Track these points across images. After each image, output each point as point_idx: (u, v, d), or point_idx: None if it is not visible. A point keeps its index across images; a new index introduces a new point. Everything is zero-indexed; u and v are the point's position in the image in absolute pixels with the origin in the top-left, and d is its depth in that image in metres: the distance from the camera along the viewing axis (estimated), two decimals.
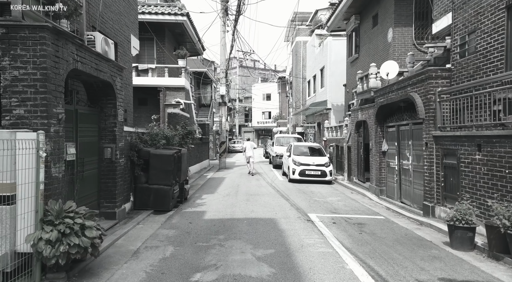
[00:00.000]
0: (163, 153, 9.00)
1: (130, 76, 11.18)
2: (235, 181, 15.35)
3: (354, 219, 8.20)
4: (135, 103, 18.86)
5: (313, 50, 27.27)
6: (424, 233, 7.10)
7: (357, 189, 12.78)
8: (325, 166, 14.79)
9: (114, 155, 7.41)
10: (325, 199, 10.92)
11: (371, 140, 11.88)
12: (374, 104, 11.52)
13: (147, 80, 17.15)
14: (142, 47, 18.89)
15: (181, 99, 17.28)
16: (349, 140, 15.00)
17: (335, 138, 17.67)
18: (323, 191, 12.59)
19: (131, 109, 11.30)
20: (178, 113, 14.36)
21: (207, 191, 12.45)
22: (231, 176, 17.37)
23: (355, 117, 13.61)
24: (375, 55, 15.11)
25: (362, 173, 13.20)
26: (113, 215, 7.36)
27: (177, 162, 9.62)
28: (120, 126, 7.66)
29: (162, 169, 8.91)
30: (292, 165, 15.01)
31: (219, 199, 10.79)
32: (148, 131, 9.92)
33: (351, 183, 14.14)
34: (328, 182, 14.87)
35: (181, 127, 13.72)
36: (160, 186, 8.91)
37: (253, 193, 11.86)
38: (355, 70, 17.93)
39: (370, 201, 10.88)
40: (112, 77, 7.26)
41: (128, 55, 10.92)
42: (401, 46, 13.10)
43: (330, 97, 22.85)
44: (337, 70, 22.72)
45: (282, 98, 48.80)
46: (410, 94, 8.77)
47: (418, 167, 8.92)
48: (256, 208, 9.31)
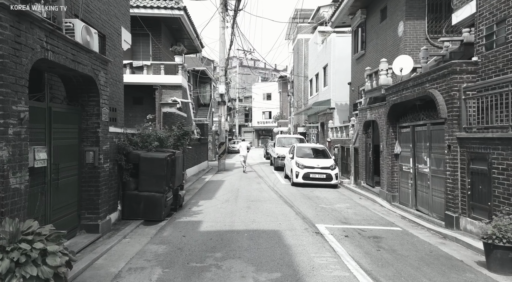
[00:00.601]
0: (155, 156, 8.11)
1: (121, 72, 10.29)
2: (234, 184, 14.46)
3: (368, 231, 7.30)
4: (130, 102, 17.99)
5: (315, 48, 26.38)
6: (451, 249, 6.21)
7: (366, 194, 11.89)
8: (330, 169, 13.90)
9: (97, 159, 6.52)
10: (332, 206, 10.02)
11: (381, 142, 10.99)
12: (385, 102, 10.63)
13: (142, 78, 16.27)
14: (137, 43, 18.02)
15: (178, 98, 16.40)
16: (356, 141, 14.11)
17: (340, 139, 16.78)
18: (329, 197, 11.70)
19: (122, 108, 10.40)
20: (174, 113, 13.48)
21: (204, 196, 11.56)
22: (231, 178, 16.48)
23: (363, 116, 12.72)
24: (383, 51, 14.22)
25: (371, 177, 12.31)
26: (96, 228, 6.47)
27: (171, 166, 8.74)
28: (104, 127, 6.77)
29: (154, 174, 8.03)
30: (295, 168, 14.12)
31: (217, 206, 9.90)
32: (139, 132, 9.03)
33: (359, 187, 13.25)
34: (333, 186, 13.98)
35: (177, 128, 12.85)
36: (151, 193, 8.02)
37: (254, 199, 10.98)
38: (361, 68, 17.04)
39: (381, 208, 9.98)
40: (95, 71, 6.36)
41: (118, 49, 10.02)
42: (412, 41, 12.21)
43: (334, 96, 21.97)
44: (341, 68, 21.84)
45: (283, 98, 47.91)
46: (429, 91, 7.88)
47: (438, 172, 8.03)
48: (258, 217, 8.41)
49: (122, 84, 10.42)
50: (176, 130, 12.61)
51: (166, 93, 16.59)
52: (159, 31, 17.55)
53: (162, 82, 16.34)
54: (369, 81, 12.58)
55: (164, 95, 16.61)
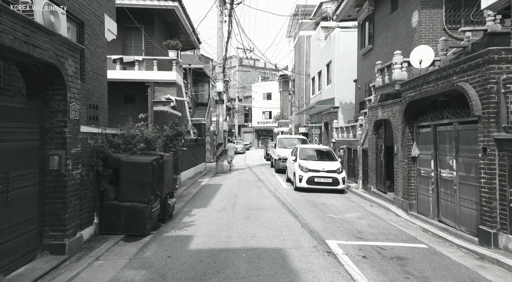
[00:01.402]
0: (138, 160, 6.97)
1: (104, 65, 9.17)
2: (233, 189, 13.32)
3: (389, 250, 6.17)
4: (121, 100, 16.87)
5: (318, 44, 25.25)
6: (495, 276, 5.07)
7: (378, 201, 10.75)
8: (336, 172, 12.76)
9: (63, 165, 5.38)
10: (342, 216, 8.89)
11: (396, 143, 9.86)
12: (400, 99, 9.51)
13: (133, 74, 15.15)
14: (128, 37, 16.90)
15: (172, 96, 15.27)
16: (365, 142, 12.98)
17: (346, 139, 15.65)
18: (337, 204, 10.56)
19: (105, 105, 9.29)
20: (166, 111, 12.35)
21: (199, 203, 10.42)
22: (229, 182, 15.34)
23: (374, 115, 11.59)
24: (394, 45, 13.09)
25: (383, 182, 11.17)
26: (61, 248, 5.34)
27: (158, 171, 7.61)
28: (74, 126, 5.64)
29: (137, 182, 6.89)
30: (298, 171, 12.99)
31: (212, 215, 8.76)
32: (122, 132, 7.90)
33: (368, 193, 12.11)
34: (340, 191, 12.84)
35: (170, 128, 11.73)
36: (134, 203, 6.89)
37: (253, 207, 9.84)
38: (368, 64, 15.92)
39: (397, 218, 8.85)
40: (59, 58, 5.23)
41: (101, 38, 8.90)
42: (428, 32, 11.08)
43: (338, 95, 20.84)
44: (346, 64, 20.72)
45: (283, 97, 46.79)
46: (458, 84, 6.74)
47: (468, 178, 6.90)
48: (258, 231, 7.28)
49: (105, 79, 9.30)
50: (168, 130, 11.50)
51: (159, 90, 15.47)
52: (152, 25, 16.43)
53: (155, 79, 15.22)
54: (381, 76, 11.45)
55: (157, 93, 15.49)
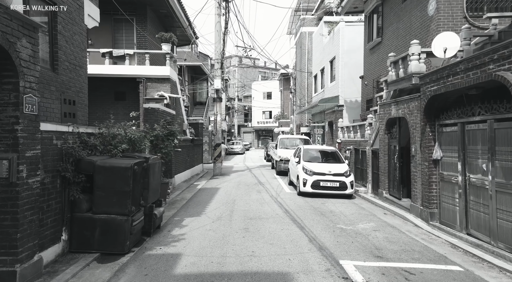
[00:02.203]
0: (116, 164, 5.88)
1: (83, 55, 8.07)
2: (231, 194, 12.23)
3: (418, 275, 5.06)
4: (111, 98, 15.75)
5: (321, 40, 24.16)
6: None
7: (391, 209, 9.66)
8: (344, 175, 11.66)
9: (14, 172, 4.29)
10: (355, 227, 7.79)
11: (413, 144, 8.76)
12: (419, 94, 8.41)
13: (124, 69, 14.04)
14: (119, 30, 15.79)
15: (165, 93, 14.18)
16: (375, 142, 11.88)
17: (353, 140, 14.55)
18: (347, 212, 9.46)
19: (85, 100, 8.20)
20: (158, 109, 11.25)
21: (192, 211, 9.32)
22: (227, 186, 14.25)
23: (386, 113, 10.50)
24: (407, 36, 11.99)
25: (397, 187, 10.07)
26: (11, 277, 4.24)
27: (142, 176, 6.52)
28: (30, 123, 4.54)
29: (114, 190, 5.80)
30: (302, 174, 11.89)
31: (206, 226, 7.66)
32: (100, 131, 6.80)
33: (380, 199, 11.01)
34: (348, 196, 11.75)
35: (161, 127, 10.65)
36: (111, 216, 5.79)
37: (253, 216, 8.75)
38: (377, 58, 14.82)
39: (418, 230, 7.75)
40: (7, 36, 4.14)
41: (79, 24, 7.80)
42: (447, 20, 9.99)
43: (343, 92, 19.74)
44: (351, 60, 19.63)
45: (284, 96, 45.71)
46: (497, 74, 5.64)
47: (508, 186, 5.80)
48: (259, 248, 6.18)
49: (85, 71, 8.21)
50: (159, 130, 10.41)
51: (152, 87, 14.37)
52: (145, 17, 15.33)
53: (147, 74, 14.12)
54: (394, 70, 10.35)
55: (149, 89, 14.39)
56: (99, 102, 15.23)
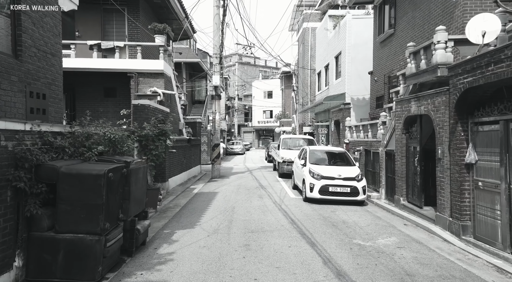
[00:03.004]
0: (86, 171, 4.73)
1: (57, 42, 6.91)
2: (230, 199, 11.08)
3: None
4: (100, 94, 14.56)
5: (325, 35, 22.99)
6: None
7: (411, 218, 8.51)
8: (355, 180, 10.51)
9: None
10: (374, 243, 6.63)
11: (439, 145, 7.61)
12: (447, 88, 7.26)
13: (113, 63, 12.89)
14: (109, 21, 14.62)
15: (159, 89, 13.03)
16: (389, 143, 10.73)
17: (363, 140, 13.39)
18: (361, 222, 8.31)
19: (59, 94, 7.01)
20: (149, 106, 10.10)
21: (185, 221, 8.17)
22: (226, 190, 13.09)
23: (404, 110, 9.34)
24: (425, 25, 10.84)
25: (418, 193, 8.91)
26: None
27: (121, 185, 5.36)
28: None
29: (83, 203, 4.66)
30: (309, 178, 10.73)
31: (200, 242, 6.51)
32: (71, 129, 5.65)
33: (396, 206, 9.86)
34: (359, 203, 10.60)
35: (152, 125, 9.52)
36: (79, 235, 4.64)
37: (255, 228, 7.59)
38: (388, 51, 13.67)
39: (449, 246, 6.59)
40: None
41: (51, 5, 6.64)
42: (475, 5, 8.83)
43: (349, 90, 18.58)
44: (358, 56, 18.47)
45: (285, 95, 44.54)
46: None
47: None
48: (263, 274, 5.02)
49: (59, 60, 7.03)
50: (148, 129, 9.27)
51: (144, 82, 13.22)
52: (137, 8, 14.18)
53: (139, 69, 12.96)
54: (413, 61, 9.19)
55: (142, 85, 13.24)
56: (87, 99, 14.11)
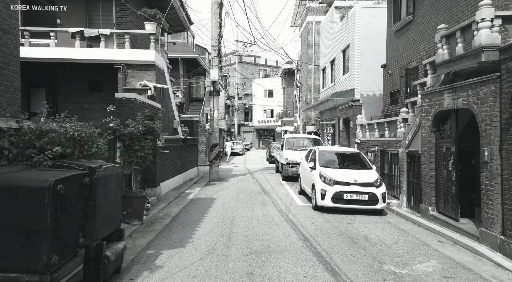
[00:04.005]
0: (21, 183, 3.33)
1: (13, 15, 5.52)
2: (229, 207, 9.68)
3: None
4: (85, 89, 13.08)
5: (331, 28, 21.59)
6: None
7: (445, 232, 7.10)
8: (374, 185, 9.11)
9: None
10: (411, 269, 5.23)
11: (486, 146, 6.20)
12: (498, 75, 5.86)
13: (99, 53, 11.49)
14: (95, 8, 13.11)
15: (149, 82, 11.62)
16: (412, 142, 9.33)
17: (378, 140, 11.98)
18: (387, 239, 6.90)
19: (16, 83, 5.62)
20: (135, 100, 8.70)
21: (174, 237, 6.77)
22: (224, 195, 11.69)
23: (434, 104, 7.94)
24: (453, 8, 9.43)
25: (452, 203, 7.49)
26: None
27: (80, 200, 3.96)
28: None
29: (18, 228, 3.26)
30: (320, 184, 9.33)
31: (190, 270, 5.11)
32: (19, 125, 4.25)
33: (423, 217, 8.46)
34: (378, 212, 9.20)
35: (137, 122, 8.13)
36: (10, 275, 3.25)
37: (259, 247, 6.19)
38: (406, 41, 12.27)
39: (508, 274, 5.19)
40: None
41: None
42: None
43: (358, 85, 17.18)
44: (368, 48, 17.07)
45: (287, 94, 43.14)
46: None
47: None
48: None
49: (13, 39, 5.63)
50: (132, 126, 7.87)
51: (133, 75, 11.81)
52: None
53: (128, 60, 11.56)
54: (446, 46, 7.78)
55: (130, 78, 11.84)
56: (70, 94, 12.71)
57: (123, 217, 7.65)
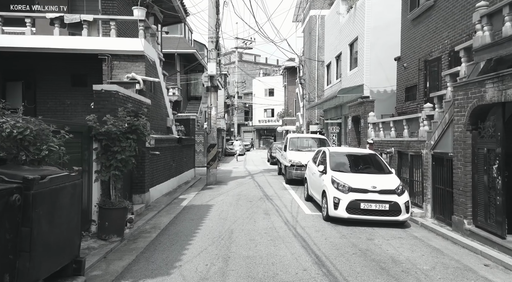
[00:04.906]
0: None
1: None
2: (227, 217, 8.40)
3: None
4: (66, 83, 11.67)
5: (337, 20, 20.30)
6: None
7: (489, 252, 5.82)
8: (396, 193, 7.81)
9: None
10: None
11: None
12: None
13: (80, 42, 10.20)
14: None
15: (138, 75, 10.33)
16: (439, 143, 8.04)
17: (394, 139, 10.69)
18: (419, 261, 5.61)
19: None
20: (117, 93, 7.39)
21: (159, 260, 5.48)
22: (222, 202, 10.41)
23: (472, 97, 6.65)
24: None
25: (497, 216, 6.20)
26: None
27: (8, 227, 2.67)
28: None
29: None
30: (332, 190, 8.04)
31: None
32: None
33: (456, 231, 7.17)
34: (400, 224, 7.91)
35: (118, 119, 6.85)
36: None
37: (263, 276, 4.90)
38: (426, 29, 10.99)
39: None
40: None
41: None
42: None
43: (368, 81, 15.90)
44: (378, 41, 15.79)
45: (288, 92, 41.84)
46: None
47: None
48: None
49: None
50: (111, 123, 6.59)
51: (119, 66, 10.52)
52: None
53: (113, 49, 10.27)
54: (487, 27, 6.49)
55: (117, 70, 10.55)
56: (50, 89, 11.43)
57: (99, 232, 6.39)
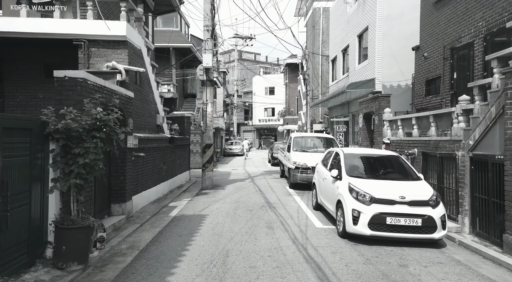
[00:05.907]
0: None
1: None
2: (222, 233, 6.94)
3: None
4: (39, 74, 10.15)
5: (343, 11, 18.85)
6: None
7: None
8: (430, 205, 6.35)
9: None
10: None
11: None
12: None
13: (52, 25, 8.73)
14: None
15: (119, 64, 8.86)
16: (481, 143, 6.58)
17: (418, 139, 9.23)
18: None
19: None
20: (84, 80, 5.93)
21: None
22: (218, 211, 8.94)
23: None
24: None
25: None
26: None
27: None
28: None
29: None
30: (350, 201, 6.58)
31: None
32: None
33: (509, 253, 5.71)
34: (434, 243, 6.46)
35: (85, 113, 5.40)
36: None
37: None
38: (452, 12, 9.55)
39: None
40: None
41: None
42: None
43: (380, 74, 14.44)
44: (391, 31, 14.34)
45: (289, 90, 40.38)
46: None
47: None
48: None
49: None
50: (72, 117, 5.14)
51: (98, 54, 9.05)
52: None
53: (91, 34, 8.80)
54: None
55: (95, 58, 9.08)
56: (21, 81, 9.95)
57: (54, 258, 4.94)
